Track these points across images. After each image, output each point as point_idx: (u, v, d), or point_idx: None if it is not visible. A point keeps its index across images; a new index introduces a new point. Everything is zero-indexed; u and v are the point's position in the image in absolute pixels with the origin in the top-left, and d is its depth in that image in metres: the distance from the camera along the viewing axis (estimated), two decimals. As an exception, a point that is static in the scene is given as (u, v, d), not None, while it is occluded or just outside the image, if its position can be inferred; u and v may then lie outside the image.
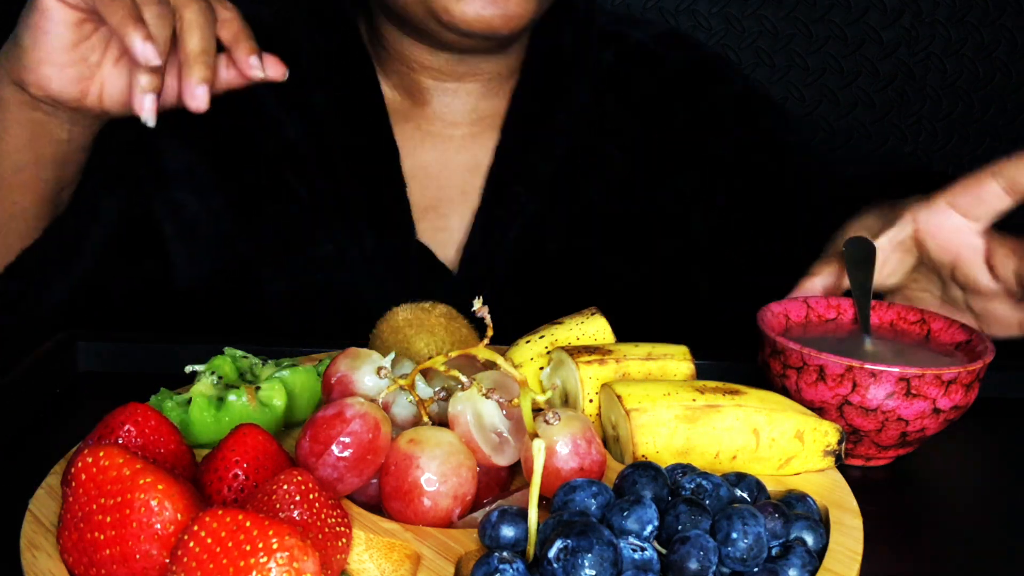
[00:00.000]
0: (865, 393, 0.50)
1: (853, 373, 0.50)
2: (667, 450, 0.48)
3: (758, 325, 0.55)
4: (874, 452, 0.54)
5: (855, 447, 0.54)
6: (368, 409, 0.43)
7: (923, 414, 0.51)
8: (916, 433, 0.52)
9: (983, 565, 0.46)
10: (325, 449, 0.42)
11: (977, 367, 0.51)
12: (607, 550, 0.36)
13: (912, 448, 0.54)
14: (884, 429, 0.51)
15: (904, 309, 0.59)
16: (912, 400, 0.50)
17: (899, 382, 0.50)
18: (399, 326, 0.56)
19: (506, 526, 0.40)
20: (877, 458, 0.54)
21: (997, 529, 0.50)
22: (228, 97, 0.66)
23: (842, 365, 0.50)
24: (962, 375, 0.50)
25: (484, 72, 0.81)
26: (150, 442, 0.42)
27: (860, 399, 0.51)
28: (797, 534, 0.42)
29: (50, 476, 0.44)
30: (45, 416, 0.57)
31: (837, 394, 0.51)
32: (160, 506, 0.36)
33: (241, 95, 0.67)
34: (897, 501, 0.51)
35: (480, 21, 0.71)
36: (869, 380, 0.50)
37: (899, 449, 0.54)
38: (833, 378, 0.51)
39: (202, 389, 0.49)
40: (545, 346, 0.55)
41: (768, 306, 0.58)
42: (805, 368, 0.52)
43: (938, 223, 0.60)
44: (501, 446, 0.45)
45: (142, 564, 0.35)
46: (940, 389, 0.50)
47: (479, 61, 0.80)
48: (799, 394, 0.53)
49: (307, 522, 0.37)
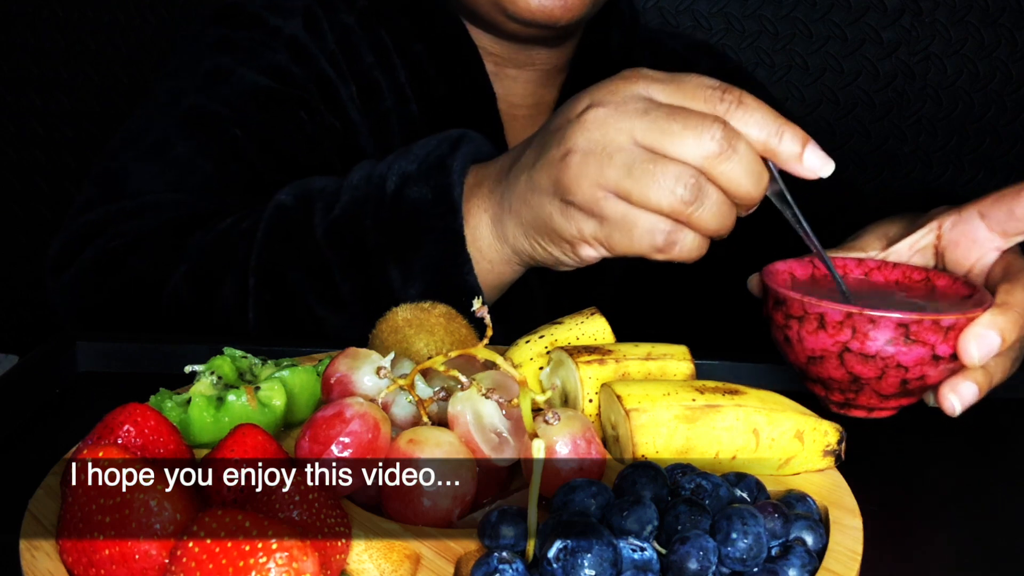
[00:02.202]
0: (864, 339, 0.51)
1: (852, 319, 0.50)
2: (667, 450, 0.48)
3: (762, 279, 0.56)
4: (876, 402, 0.54)
5: (856, 397, 0.54)
6: (368, 409, 0.43)
7: (922, 360, 0.51)
8: (916, 381, 0.52)
9: (983, 565, 0.46)
10: (325, 449, 0.42)
11: (976, 313, 0.51)
12: (607, 550, 0.36)
13: (914, 399, 0.54)
14: (884, 376, 0.51)
15: (909, 268, 0.59)
16: (911, 346, 0.50)
17: (898, 327, 0.50)
18: (398, 326, 0.56)
19: (506, 526, 0.40)
20: (880, 409, 0.54)
21: (998, 529, 0.50)
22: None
23: (841, 312, 0.51)
24: (960, 321, 0.50)
25: (541, 62, 0.88)
26: (150, 442, 0.42)
27: (860, 345, 0.51)
28: (797, 534, 0.42)
29: (50, 476, 0.44)
30: (45, 416, 0.57)
31: (837, 341, 0.51)
32: (160, 506, 0.36)
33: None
34: (897, 501, 0.51)
35: (543, 11, 0.77)
36: (868, 326, 0.50)
37: (900, 399, 0.54)
38: (833, 325, 0.51)
39: (202, 389, 0.49)
40: (545, 346, 0.55)
41: (773, 264, 0.58)
42: (806, 317, 0.52)
43: (962, 232, 0.58)
44: (501, 446, 0.45)
45: (141, 564, 0.35)
46: (939, 335, 0.50)
47: (537, 51, 0.87)
48: (801, 343, 0.53)
49: (306, 522, 0.37)
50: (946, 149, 1.34)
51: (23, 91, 1.38)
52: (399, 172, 0.66)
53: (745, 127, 0.53)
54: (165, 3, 1.34)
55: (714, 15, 1.30)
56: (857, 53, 1.30)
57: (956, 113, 1.33)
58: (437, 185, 0.64)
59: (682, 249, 0.55)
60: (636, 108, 0.53)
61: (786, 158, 0.53)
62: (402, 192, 0.65)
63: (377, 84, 0.86)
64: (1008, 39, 1.29)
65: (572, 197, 0.55)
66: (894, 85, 1.31)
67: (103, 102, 1.38)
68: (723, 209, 0.53)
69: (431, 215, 0.64)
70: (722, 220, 0.54)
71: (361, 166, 0.69)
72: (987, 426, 0.62)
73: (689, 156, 0.52)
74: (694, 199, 0.52)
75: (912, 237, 0.60)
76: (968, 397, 0.52)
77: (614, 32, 0.91)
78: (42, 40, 1.36)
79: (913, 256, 0.60)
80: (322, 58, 0.85)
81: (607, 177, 0.53)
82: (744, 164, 0.52)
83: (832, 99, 1.32)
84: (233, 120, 0.80)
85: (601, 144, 0.54)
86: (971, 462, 0.57)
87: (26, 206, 1.44)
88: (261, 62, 0.83)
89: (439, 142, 0.67)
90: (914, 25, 1.29)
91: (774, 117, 0.53)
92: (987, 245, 0.57)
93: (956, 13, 1.28)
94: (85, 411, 0.50)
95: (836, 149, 1.34)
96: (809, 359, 0.53)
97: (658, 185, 0.52)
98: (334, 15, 0.87)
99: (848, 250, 0.62)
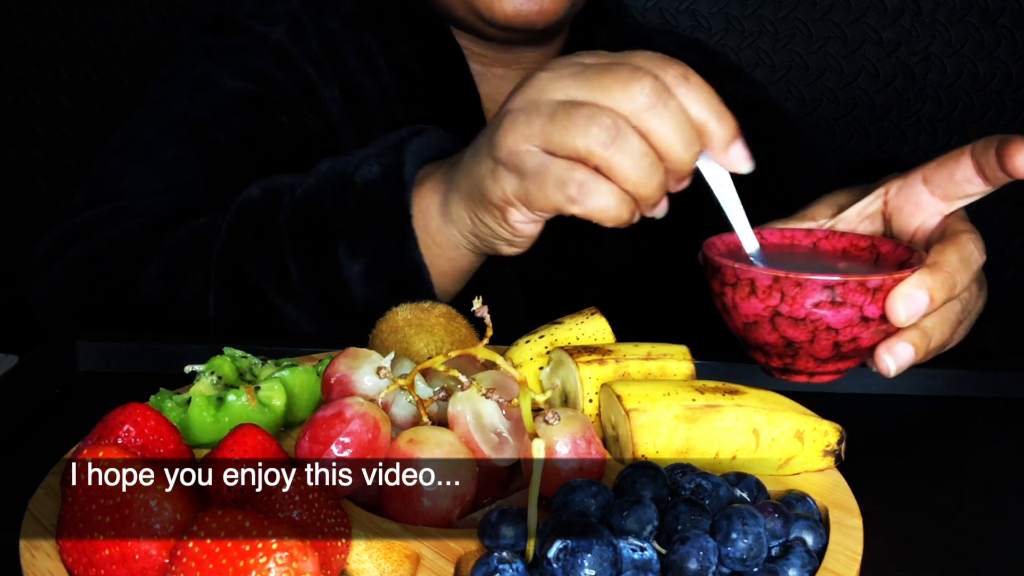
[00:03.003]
0: (793, 303, 0.51)
1: (780, 283, 0.51)
2: (667, 450, 0.48)
3: (702, 251, 0.56)
4: (813, 366, 0.54)
5: (794, 361, 0.54)
6: (368, 409, 0.43)
7: (851, 322, 0.51)
8: (849, 343, 0.52)
9: (984, 565, 0.46)
10: (325, 449, 0.42)
11: (904, 274, 0.51)
12: (607, 550, 0.36)
13: (852, 362, 0.55)
14: (816, 339, 0.52)
15: (856, 236, 0.59)
16: (839, 308, 0.51)
17: (824, 289, 0.51)
18: (398, 326, 0.56)
19: (506, 526, 0.40)
20: (819, 373, 0.55)
21: (998, 530, 0.50)
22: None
23: (769, 276, 0.51)
24: (887, 282, 0.51)
25: (528, 61, 0.89)
26: (150, 442, 0.42)
27: (789, 309, 0.51)
28: (797, 534, 0.42)
29: (50, 476, 0.44)
30: (45, 416, 0.57)
31: (768, 305, 0.52)
32: (160, 506, 0.36)
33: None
34: (897, 501, 0.51)
35: (519, 16, 0.78)
36: (795, 290, 0.51)
37: (838, 362, 0.54)
38: (763, 290, 0.52)
39: (202, 389, 0.49)
40: (545, 346, 0.55)
41: (718, 236, 0.59)
42: (739, 283, 0.53)
43: (906, 198, 0.58)
44: (501, 446, 0.45)
45: (141, 564, 0.35)
46: (866, 296, 0.51)
47: (524, 51, 0.88)
48: (736, 310, 0.54)
49: (306, 522, 0.37)
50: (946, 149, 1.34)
51: (23, 91, 1.38)
52: (360, 157, 0.67)
53: (685, 100, 0.52)
54: (165, 3, 1.33)
55: (714, 15, 1.30)
56: (857, 53, 1.30)
57: (956, 113, 1.32)
58: (388, 164, 0.65)
59: (598, 202, 0.53)
60: (572, 70, 0.54)
61: (717, 142, 0.53)
62: (356, 172, 0.66)
63: (361, 87, 0.87)
64: (1008, 39, 1.29)
65: (499, 152, 0.55)
66: (894, 85, 1.31)
67: (103, 102, 1.38)
68: (645, 161, 0.52)
69: (381, 192, 0.64)
70: (643, 173, 0.52)
71: (331, 158, 0.70)
72: (987, 426, 0.62)
73: (617, 106, 0.52)
74: (611, 141, 0.51)
75: (860, 204, 0.60)
76: (903, 358, 0.52)
77: (602, 29, 0.91)
78: (42, 40, 1.36)
79: (862, 222, 0.61)
80: (306, 63, 0.86)
81: (532, 127, 0.53)
82: (674, 121, 0.52)
83: (832, 99, 1.32)
84: (216, 125, 0.82)
85: (534, 102, 0.54)
86: (971, 462, 0.57)
87: (26, 206, 1.44)
88: (245, 68, 0.85)
89: (403, 131, 0.69)
90: (914, 25, 1.29)
91: (717, 101, 0.53)
92: (929, 210, 0.57)
93: (956, 13, 1.28)
94: (85, 411, 0.50)
95: (836, 149, 1.34)
96: (745, 325, 0.54)
97: (575, 125, 0.52)
98: (319, 20, 0.89)
99: (799, 219, 0.62)
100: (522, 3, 0.77)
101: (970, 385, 0.65)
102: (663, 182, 0.53)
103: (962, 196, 0.56)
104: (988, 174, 0.54)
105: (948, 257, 0.52)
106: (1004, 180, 0.54)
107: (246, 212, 0.69)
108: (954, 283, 0.51)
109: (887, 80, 1.31)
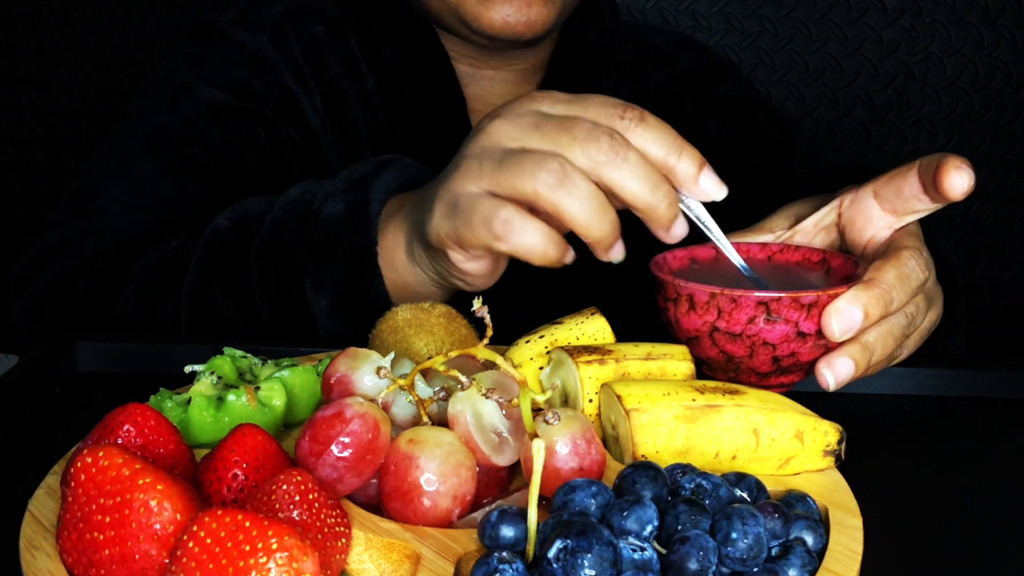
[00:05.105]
0: (729, 318, 0.52)
1: (717, 300, 0.52)
2: (667, 450, 0.48)
3: (649, 268, 0.57)
4: (756, 380, 0.55)
5: (737, 376, 0.55)
6: (368, 409, 0.43)
7: (788, 337, 0.52)
8: (788, 358, 0.53)
9: (984, 565, 0.46)
10: (325, 449, 0.42)
11: (839, 290, 0.51)
12: (607, 550, 0.36)
13: (796, 376, 0.55)
14: (755, 354, 0.53)
15: (809, 250, 0.60)
16: (774, 324, 0.52)
17: (758, 306, 0.51)
18: (398, 326, 0.56)
19: (506, 526, 0.40)
20: (765, 388, 0.54)
21: (998, 530, 0.50)
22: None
23: (707, 292, 0.52)
24: (822, 298, 0.51)
25: (517, 63, 0.89)
26: (150, 442, 0.42)
27: (726, 324, 0.52)
28: (797, 534, 0.42)
29: (50, 476, 0.44)
30: (45, 416, 0.57)
31: (706, 321, 0.53)
32: (159, 506, 0.36)
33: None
34: (897, 501, 0.51)
35: (506, 28, 0.79)
36: (731, 306, 0.52)
37: (780, 377, 0.55)
38: (701, 306, 0.53)
39: (201, 389, 0.49)
40: (545, 346, 0.55)
41: (669, 251, 0.59)
42: (679, 299, 0.54)
43: (858, 211, 0.58)
44: (501, 446, 0.45)
45: (141, 564, 0.35)
46: (801, 312, 0.51)
47: (513, 53, 0.87)
48: (679, 324, 0.54)
49: (306, 522, 0.37)
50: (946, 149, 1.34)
51: (23, 91, 1.38)
52: (326, 191, 0.67)
53: (644, 144, 0.52)
54: (165, 3, 1.34)
55: (714, 15, 1.30)
56: (857, 53, 1.30)
57: (956, 113, 1.32)
58: (354, 201, 0.66)
59: (523, 239, 0.53)
60: (529, 121, 0.54)
61: (683, 178, 0.53)
62: (322, 208, 0.66)
63: (343, 94, 0.87)
64: (1008, 39, 1.29)
65: (445, 194, 0.56)
66: (894, 85, 1.31)
67: (103, 102, 1.38)
68: (593, 202, 0.52)
69: (346, 229, 0.65)
70: (593, 214, 0.52)
71: (301, 184, 0.70)
72: (987, 426, 0.62)
73: (576, 163, 0.52)
74: (559, 184, 0.51)
75: (816, 215, 0.60)
76: (843, 372, 0.52)
77: (593, 28, 0.91)
78: (42, 40, 1.36)
79: (818, 234, 0.61)
80: (286, 71, 0.87)
81: (482, 170, 0.54)
82: (636, 171, 0.52)
83: (832, 99, 1.32)
84: (191, 138, 0.83)
85: (487, 149, 0.54)
86: (971, 462, 0.57)
87: (26, 206, 1.44)
88: (223, 78, 0.86)
89: (369, 164, 0.69)
90: (914, 25, 1.29)
91: (674, 137, 0.53)
92: (879, 223, 0.57)
93: (956, 13, 1.28)
94: (85, 411, 0.50)
95: (836, 149, 1.34)
96: (688, 340, 0.55)
97: (522, 170, 0.52)
98: (302, 26, 0.89)
99: (757, 231, 0.62)
100: (510, 14, 0.77)
101: (970, 385, 0.65)
102: (615, 223, 0.53)
103: (910, 212, 0.56)
104: (929, 192, 0.54)
105: (885, 274, 0.52)
106: (945, 201, 0.54)
107: (214, 244, 0.70)
108: (890, 299, 0.51)
109: (887, 80, 1.31)
